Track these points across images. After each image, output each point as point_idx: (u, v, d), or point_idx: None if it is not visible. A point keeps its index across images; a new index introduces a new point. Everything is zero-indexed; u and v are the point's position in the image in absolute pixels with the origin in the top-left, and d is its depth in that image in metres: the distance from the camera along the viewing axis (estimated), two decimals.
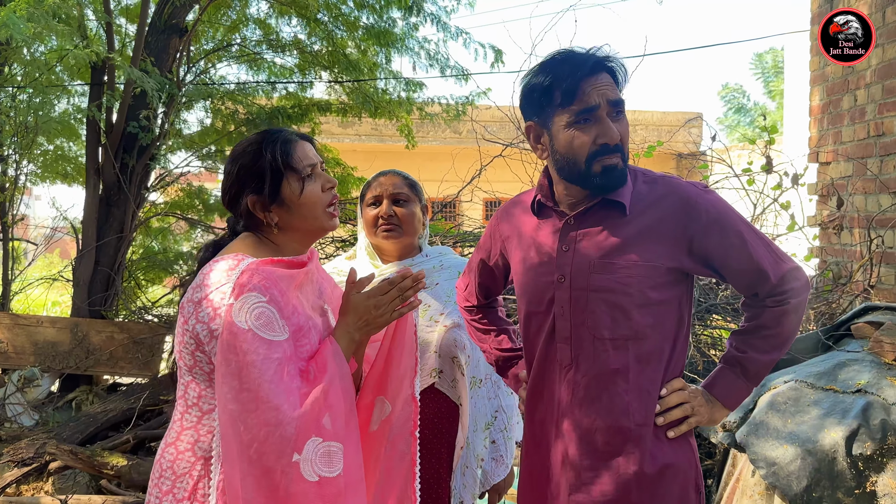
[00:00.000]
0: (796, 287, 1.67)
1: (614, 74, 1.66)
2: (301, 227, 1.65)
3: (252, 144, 1.64)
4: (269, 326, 1.46)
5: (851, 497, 2.73)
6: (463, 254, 5.49)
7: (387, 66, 5.96)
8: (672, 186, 1.68)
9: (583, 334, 1.65)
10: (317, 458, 1.44)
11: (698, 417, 1.68)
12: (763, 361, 1.70)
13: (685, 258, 1.64)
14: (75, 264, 5.50)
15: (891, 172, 4.59)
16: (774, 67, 26.63)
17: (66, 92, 6.02)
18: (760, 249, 1.65)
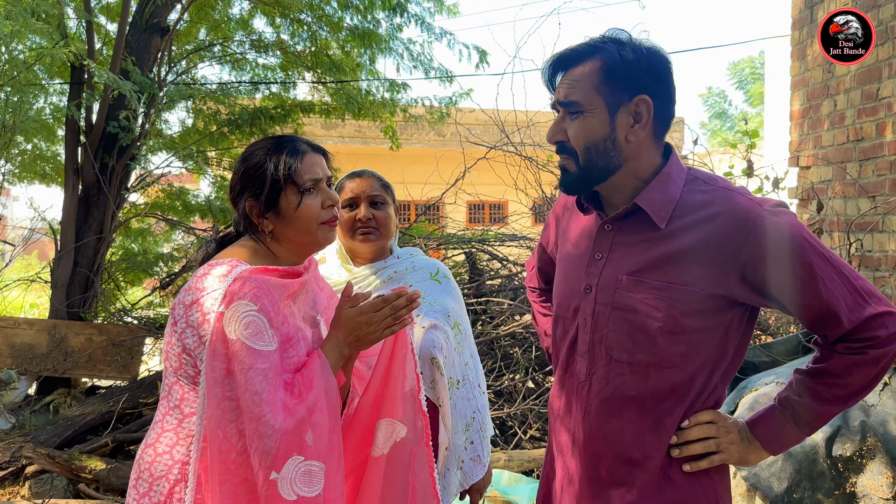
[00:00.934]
0: (881, 336, 1.42)
1: (611, 64, 1.45)
2: (295, 238, 1.63)
3: (261, 149, 1.64)
4: (259, 336, 1.45)
5: (831, 498, 2.76)
6: (446, 255, 5.48)
7: (371, 68, 5.94)
8: (730, 202, 1.43)
9: (600, 352, 1.51)
10: (297, 476, 1.42)
11: (724, 456, 1.50)
12: (820, 412, 1.49)
13: (736, 286, 1.42)
14: (54, 265, 5.42)
15: (869, 177, 4.64)
16: (752, 74, 26.92)
17: (44, 91, 5.95)
18: (837, 288, 1.41)
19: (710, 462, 1.49)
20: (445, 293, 2.28)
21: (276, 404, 1.42)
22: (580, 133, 1.45)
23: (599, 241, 1.54)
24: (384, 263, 2.26)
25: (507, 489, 3.61)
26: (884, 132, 4.50)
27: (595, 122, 1.44)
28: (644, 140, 1.47)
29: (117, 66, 4.97)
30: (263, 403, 1.41)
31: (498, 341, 4.69)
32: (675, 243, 1.43)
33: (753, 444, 1.52)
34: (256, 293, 1.47)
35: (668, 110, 1.49)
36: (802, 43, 5.44)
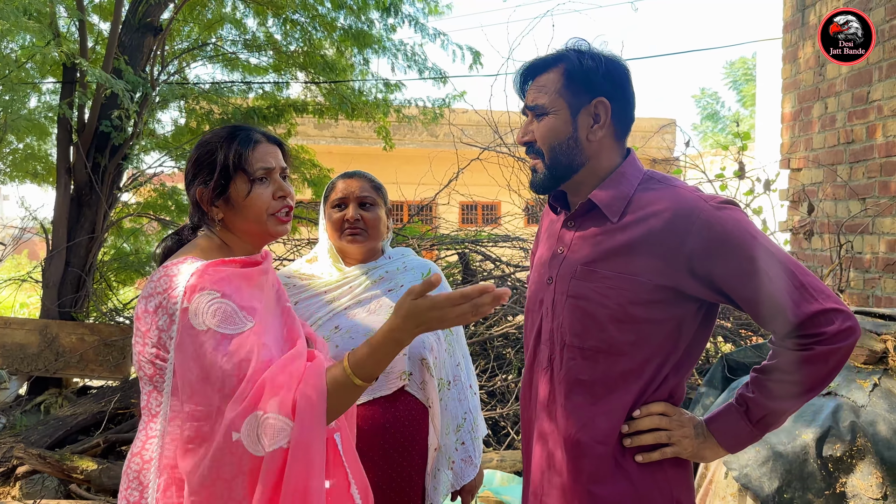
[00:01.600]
0: (827, 333, 1.42)
1: (572, 70, 1.57)
2: (243, 228, 1.61)
3: (214, 136, 1.63)
4: (230, 321, 1.44)
5: (822, 498, 2.77)
6: (439, 256, 5.49)
7: (364, 68, 5.94)
8: (677, 197, 1.51)
9: (557, 338, 1.60)
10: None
11: (677, 448, 1.54)
12: (770, 408, 1.51)
13: (684, 278, 1.48)
14: (45, 265, 5.40)
15: (860, 179, 4.67)
16: (745, 75, 27.02)
17: (36, 90, 5.92)
18: (781, 282, 1.43)
19: (662, 454, 1.54)
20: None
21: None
22: (546, 133, 1.56)
23: (562, 237, 1.64)
24: (375, 264, 2.27)
25: (500, 489, 3.62)
26: (874, 135, 4.53)
27: (559, 123, 1.56)
28: (604, 140, 1.58)
29: (110, 65, 4.96)
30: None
31: (491, 342, 4.70)
32: (624, 236, 1.52)
33: (709, 440, 1.56)
34: (216, 281, 1.46)
35: (627, 113, 1.60)
36: (794, 45, 5.48)
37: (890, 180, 4.39)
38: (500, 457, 4.00)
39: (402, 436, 2.12)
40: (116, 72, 4.97)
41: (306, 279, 2.25)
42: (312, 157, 6.37)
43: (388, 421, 2.09)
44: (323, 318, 2.17)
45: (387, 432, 2.09)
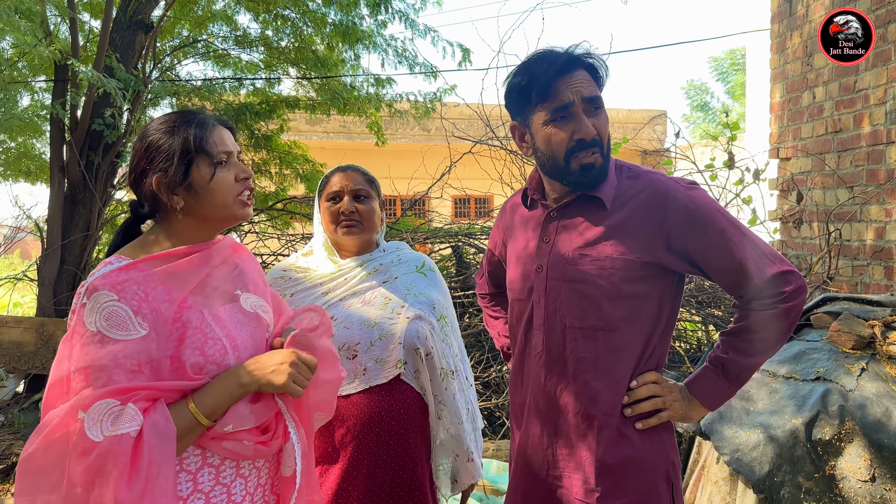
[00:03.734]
0: (787, 291, 1.63)
1: (592, 70, 1.67)
2: (208, 214, 1.57)
3: (166, 122, 1.56)
4: (121, 326, 1.39)
5: (811, 481, 2.82)
6: (433, 250, 5.52)
7: (355, 63, 5.95)
8: (653, 181, 1.68)
9: (555, 323, 1.70)
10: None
11: (670, 412, 1.69)
12: (745, 364, 1.69)
13: (664, 253, 1.63)
14: (40, 263, 5.40)
15: (847, 168, 4.73)
16: (733, 65, 27.05)
17: (28, 88, 5.91)
18: (746, 249, 1.62)
19: (659, 419, 1.68)
20: (431, 286, 2.32)
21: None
22: (604, 126, 1.68)
23: (546, 228, 1.75)
24: (370, 256, 2.29)
25: (496, 478, 3.66)
26: (861, 124, 4.58)
27: (607, 115, 1.70)
28: None
29: (101, 63, 4.95)
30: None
31: (485, 333, 4.74)
32: (611, 220, 1.66)
33: (693, 402, 1.72)
34: (117, 283, 1.41)
35: None
36: (782, 36, 5.52)
37: (877, 168, 4.45)
38: (496, 446, 4.05)
39: (398, 424, 2.13)
40: (108, 70, 4.97)
41: (302, 272, 2.28)
42: (305, 153, 6.38)
43: (384, 410, 2.12)
44: None
45: (383, 421, 2.11)
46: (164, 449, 1.37)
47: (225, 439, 1.48)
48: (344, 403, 2.11)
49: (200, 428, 1.44)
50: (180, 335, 1.45)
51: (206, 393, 1.45)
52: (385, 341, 2.14)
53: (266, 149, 6.23)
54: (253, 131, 6.07)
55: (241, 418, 1.48)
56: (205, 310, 1.52)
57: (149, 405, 1.38)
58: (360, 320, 2.17)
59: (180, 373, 1.45)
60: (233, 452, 1.51)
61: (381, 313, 2.18)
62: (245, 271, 1.69)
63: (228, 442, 1.48)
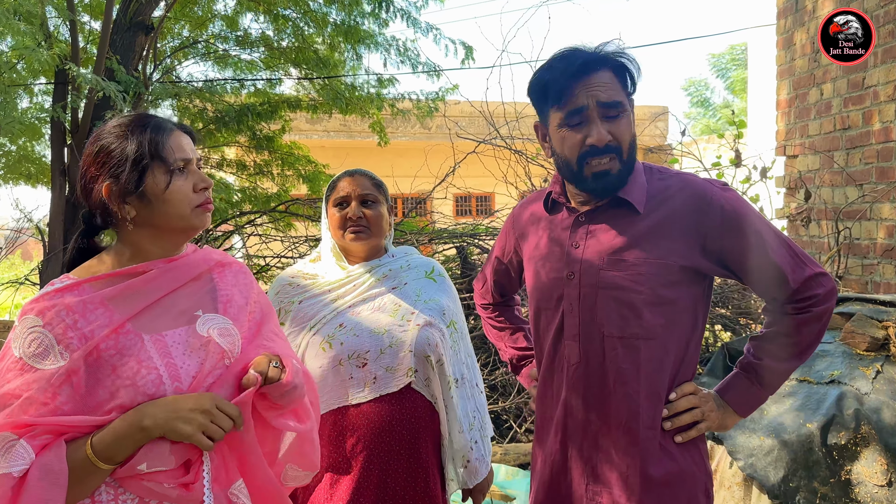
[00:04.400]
0: (820, 294, 1.60)
1: (621, 70, 1.60)
2: (163, 224, 1.45)
3: (120, 125, 1.45)
4: (42, 355, 1.31)
5: (827, 486, 2.78)
6: (436, 251, 5.47)
7: (357, 63, 5.91)
8: (687, 183, 1.64)
9: (592, 332, 1.63)
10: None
11: (708, 423, 1.65)
12: (780, 370, 1.65)
13: (699, 257, 1.59)
14: (42, 268, 5.36)
15: (857, 165, 4.68)
16: (733, 60, 27.05)
17: (27, 91, 5.87)
18: (781, 252, 1.59)
19: (698, 430, 1.64)
20: (441, 291, 2.28)
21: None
22: (626, 130, 1.59)
23: (575, 232, 1.68)
24: (379, 262, 2.26)
25: (505, 483, 3.63)
26: (871, 120, 4.54)
27: (630, 120, 1.62)
28: None
29: (102, 66, 4.91)
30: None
31: None
32: (646, 223, 1.60)
33: (727, 410, 1.68)
34: (46, 308, 1.33)
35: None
36: (788, 32, 5.47)
37: (887, 166, 4.40)
38: (504, 450, 4.01)
39: (409, 433, 2.11)
40: (109, 72, 4.93)
41: (310, 279, 2.25)
42: (307, 153, 6.34)
43: (395, 418, 2.09)
44: (328, 316, 2.16)
45: (394, 430, 2.09)
46: (50, 492, 1.25)
47: (143, 479, 1.35)
48: (354, 412, 2.08)
49: (102, 471, 1.31)
50: (112, 364, 1.34)
51: (107, 433, 1.31)
52: (395, 349, 2.11)
53: (268, 150, 6.18)
54: (255, 132, 6.02)
55: (156, 457, 1.34)
56: (146, 334, 1.39)
57: (48, 442, 1.28)
58: (370, 328, 2.14)
59: (107, 404, 1.33)
60: (153, 493, 1.36)
61: (391, 320, 2.15)
62: (219, 288, 1.55)
63: (147, 482, 1.35)
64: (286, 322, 2.21)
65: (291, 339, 2.17)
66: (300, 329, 2.18)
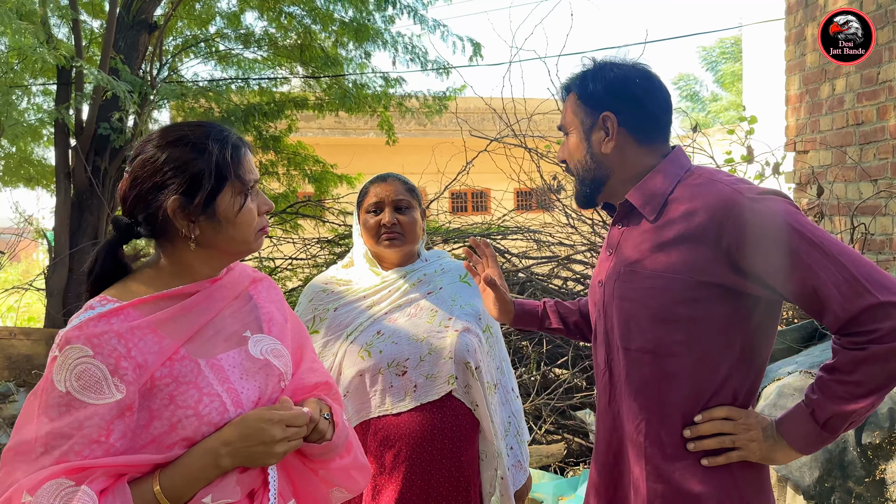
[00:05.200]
0: (885, 329, 1.32)
1: (579, 92, 1.66)
2: (225, 247, 1.37)
3: (194, 133, 1.35)
4: (94, 388, 1.20)
5: (862, 485, 2.77)
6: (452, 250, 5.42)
7: (365, 61, 5.85)
8: (714, 191, 1.48)
9: (612, 341, 1.61)
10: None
11: (744, 452, 1.50)
12: (835, 411, 1.41)
13: (727, 273, 1.44)
14: (48, 273, 5.27)
15: (871, 160, 4.67)
16: (722, 54, 27.19)
17: (26, 92, 5.77)
18: (828, 275, 1.36)
19: (728, 458, 1.49)
20: (475, 295, 2.25)
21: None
22: (569, 152, 1.68)
23: (612, 241, 1.67)
24: (412, 267, 2.22)
25: (532, 486, 3.60)
26: (885, 116, 4.53)
27: (576, 141, 1.65)
28: (623, 149, 1.60)
29: (107, 65, 4.83)
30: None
31: (507, 336, 4.66)
32: (663, 235, 1.51)
33: (780, 443, 1.48)
34: (94, 336, 1.22)
35: (640, 118, 1.62)
36: (799, 27, 5.45)
37: None
38: None
39: (451, 442, 2.08)
40: (113, 71, 4.84)
41: (343, 285, 2.22)
42: (313, 153, 6.27)
43: (436, 427, 2.06)
44: (364, 323, 2.13)
45: (435, 439, 2.06)
46: None
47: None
48: (394, 422, 2.05)
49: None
50: (170, 393, 1.25)
51: (177, 472, 1.24)
52: (435, 356, 2.08)
53: (274, 150, 6.10)
54: (261, 132, 5.94)
55: (223, 490, 1.29)
56: (201, 360, 1.31)
57: (109, 485, 1.20)
58: (408, 335, 2.11)
59: (168, 437, 1.26)
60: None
61: (428, 327, 2.12)
62: (260, 306, 1.48)
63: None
64: (321, 330, 2.17)
65: (328, 348, 2.14)
66: (336, 337, 2.15)
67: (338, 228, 5.21)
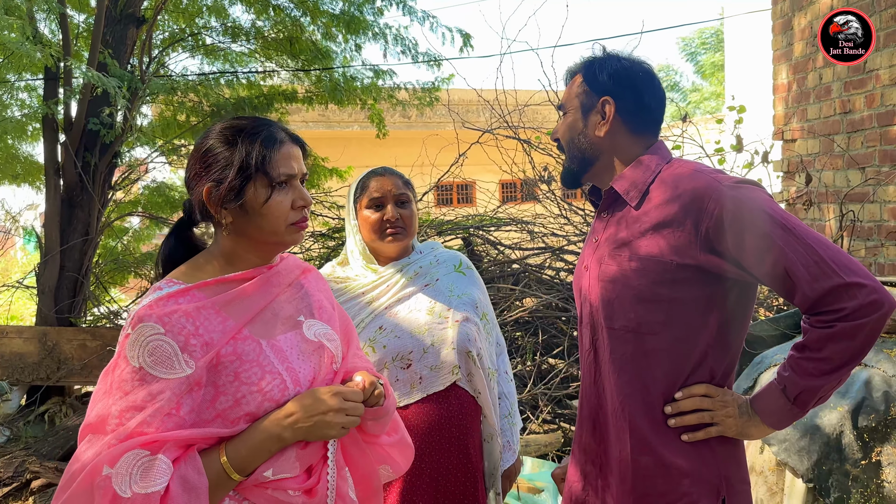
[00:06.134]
0: (847, 308, 1.42)
1: (585, 75, 1.75)
2: (255, 236, 1.44)
3: (231, 128, 1.44)
4: (166, 363, 1.28)
5: (858, 468, 2.83)
6: (445, 242, 5.44)
7: (355, 54, 5.81)
8: (694, 180, 1.58)
9: (597, 322, 1.69)
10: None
11: (722, 428, 1.59)
12: (805, 386, 1.51)
13: (705, 256, 1.54)
14: (39, 270, 5.20)
15: (858, 148, 4.74)
16: (702, 45, 27.31)
17: (10, 88, 5.69)
18: (797, 256, 1.45)
19: (707, 433, 1.59)
20: (471, 284, 2.30)
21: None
22: (564, 129, 1.77)
23: (597, 227, 1.76)
24: (408, 260, 2.26)
25: (532, 475, 3.63)
26: (873, 104, 4.59)
27: (573, 120, 1.75)
28: (616, 135, 1.71)
29: (95, 60, 4.77)
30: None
31: (503, 327, 4.68)
32: (645, 220, 1.61)
33: (754, 419, 1.59)
34: (165, 314, 1.30)
35: (637, 109, 1.72)
36: (786, 16, 5.50)
37: (892, 149, 4.46)
38: (525, 442, 4.01)
39: (458, 431, 2.12)
40: (101, 66, 4.78)
41: (341, 282, 2.24)
42: None
43: (443, 416, 2.10)
44: (366, 320, 2.16)
45: (443, 428, 2.10)
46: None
47: (268, 487, 1.36)
48: (402, 415, 2.08)
49: (233, 482, 1.32)
50: (234, 370, 1.34)
51: (242, 445, 1.32)
52: (438, 347, 2.12)
53: None
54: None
55: (283, 464, 1.36)
56: (262, 340, 1.40)
57: (180, 454, 1.28)
58: (410, 328, 2.14)
59: (232, 412, 1.34)
60: (277, 501, 1.37)
61: (429, 318, 2.16)
62: (311, 294, 1.56)
63: (272, 490, 1.36)
64: None
65: None
66: None
67: (330, 222, 5.21)
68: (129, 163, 5.61)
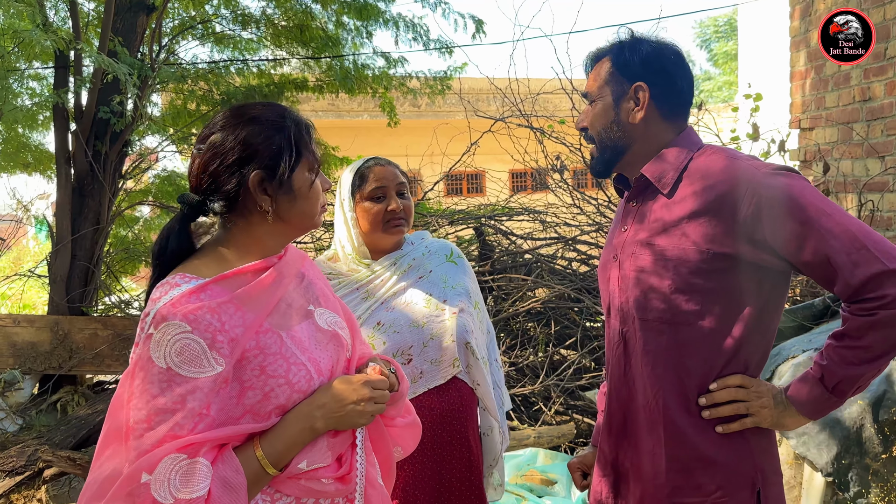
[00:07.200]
0: (893, 295, 1.40)
1: (614, 61, 1.69)
2: (296, 222, 1.43)
3: (271, 110, 1.42)
4: (194, 362, 1.25)
5: (879, 462, 2.79)
6: (448, 232, 5.40)
7: (367, 42, 5.77)
8: (730, 167, 1.55)
9: (628, 313, 1.66)
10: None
11: (756, 419, 1.57)
12: (843, 375, 1.50)
13: (743, 246, 1.51)
14: (51, 259, 5.21)
15: (878, 136, 4.66)
16: (715, 33, 27.11)
17: (20, 76, 5.67)
18: (838, 244, 1.44)
19: (742, 424, 1.57)
20: (462, 273, 2.28)
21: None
22: (594, 118, 1.70)
23: (625, 216, 1.72)
24: (401, 252, 2.23)
25: (546, 467, 3.62)
26: (893, 91, 4.51)
27: (604, 108, 1.69)
28: (649, 121, 1.66)
29: (105, 48, 4.75)
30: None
31: (515, 318, 4.65)
32: (680, 208, 1.58)
33: (789, 409, 1.57)
34: (190, 312, 1.27)
35: (672, 94, 1.68)
36: (804, 1, 5.41)
37: None
38: (537, 433, 3.99)
39: (459, 423, 2.11)
40: (112, 54, 4.75)
41: (335, 277, 2.20)
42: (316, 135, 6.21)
43: (444, 410, 2.09)
44: (363, 315, 2.14)
45: (444, 421, 2.09)
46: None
47: (301, 478, 1.35)
48: None
49: (269, 477, 1.32)
50: (259, 364, 1.31)
51: (276, 438, 1.32)
52: (437, 341, 2.11)
53: None
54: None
55: (316, 454, 1.36)
56: (282, 332, 1.37)
57: (216, 454, 1.26)
58: (408, 322, 2.13)
59: (262, 406, 1.32)
60: (311, 491, 1.37)
61: (426, 311, 2.14)
62: (314, 283, 1.55)
63: (305, 481, 1.36)
64: None
65: None
66: None
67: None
68: (139, 151, 5.60)
